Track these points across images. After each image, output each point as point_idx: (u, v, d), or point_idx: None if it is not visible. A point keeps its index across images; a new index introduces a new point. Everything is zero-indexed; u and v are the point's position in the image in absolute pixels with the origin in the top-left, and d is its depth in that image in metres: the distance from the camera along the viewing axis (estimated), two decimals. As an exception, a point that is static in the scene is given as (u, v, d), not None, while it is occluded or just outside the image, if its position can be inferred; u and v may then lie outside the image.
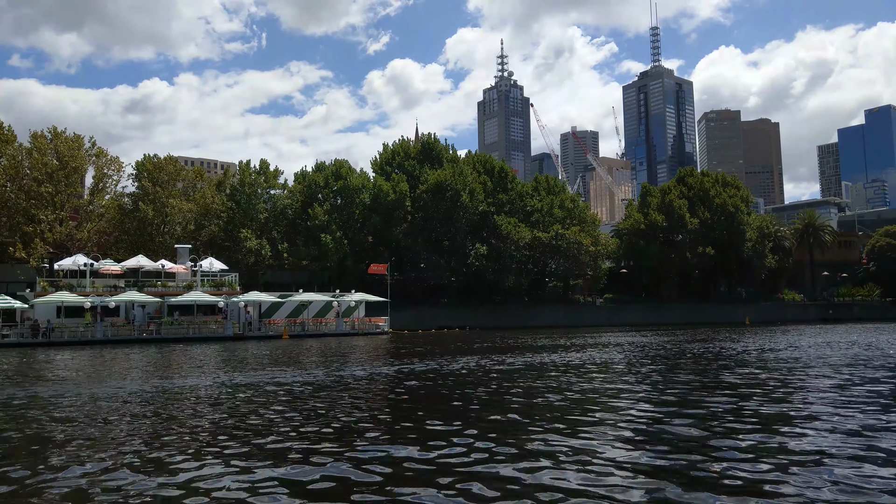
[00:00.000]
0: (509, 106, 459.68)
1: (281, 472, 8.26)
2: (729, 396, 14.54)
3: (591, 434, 10.42)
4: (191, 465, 8.74)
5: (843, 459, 8.47)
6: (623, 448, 9.40)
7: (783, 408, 13.02)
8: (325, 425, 11.65)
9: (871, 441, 9.56)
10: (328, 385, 18.32)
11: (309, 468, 8.47)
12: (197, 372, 23.48)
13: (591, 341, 40.67)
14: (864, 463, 8.30)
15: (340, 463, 8.72)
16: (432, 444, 9.76)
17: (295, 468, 8.49)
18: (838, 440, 9.66)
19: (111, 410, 13.95)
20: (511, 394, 15.83)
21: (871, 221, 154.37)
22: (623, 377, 19.45)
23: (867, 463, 8.30)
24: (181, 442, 10.33)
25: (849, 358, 25.06)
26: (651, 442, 9.87)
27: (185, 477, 8.11)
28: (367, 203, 72.38)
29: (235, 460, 8.96)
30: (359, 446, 9.76)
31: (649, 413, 12.58)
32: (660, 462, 8.53)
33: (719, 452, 8.95)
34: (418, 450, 9.38)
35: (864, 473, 7.81)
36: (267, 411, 13.45)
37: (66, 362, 29.48)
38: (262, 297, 54.28)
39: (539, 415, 12.68)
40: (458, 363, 25.14)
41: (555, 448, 9.40)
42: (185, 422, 12.36)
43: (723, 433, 10.26)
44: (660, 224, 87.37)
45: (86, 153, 63.90)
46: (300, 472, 8.31)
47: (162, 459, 9.10)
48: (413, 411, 13.59)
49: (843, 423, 10.98)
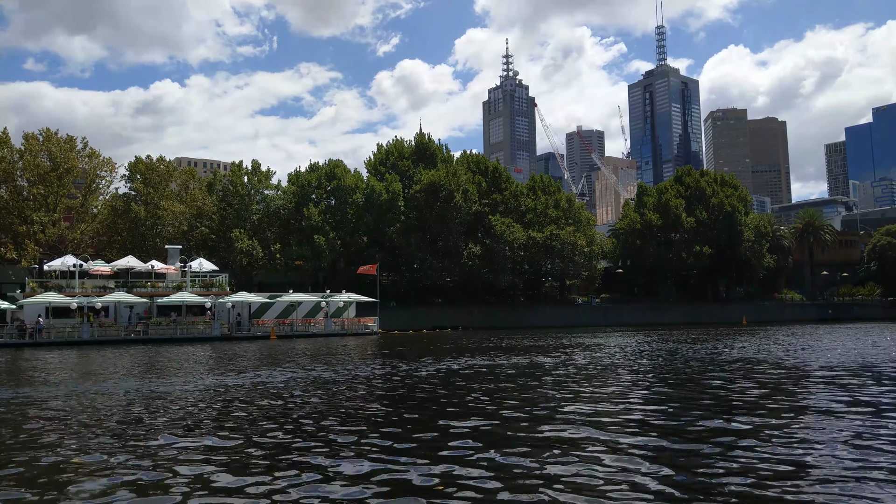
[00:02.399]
0: (514, 105, 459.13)
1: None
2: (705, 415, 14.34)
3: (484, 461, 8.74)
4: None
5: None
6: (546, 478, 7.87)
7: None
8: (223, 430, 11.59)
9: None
10: (257, 390, 18.26)
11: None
12: (144, 374, 23.50)
13: (577, 342, 40.39)
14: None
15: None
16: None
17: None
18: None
19: (57, 411, 13.95)
20: (446, 402, 15.70)
21: (874, 220, 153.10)
22: (576, 383, 19.30)
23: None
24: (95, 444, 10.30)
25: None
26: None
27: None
28: (360, 203, 72.38)
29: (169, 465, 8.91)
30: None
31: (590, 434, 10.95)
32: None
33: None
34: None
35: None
36: (192, 417, 13.40)
37: (43, 363, 29.61)
38: (249, 297, 54.36)
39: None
40: (426, 364, 25.05)
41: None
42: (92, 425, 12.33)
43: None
44: (656, 224, 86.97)
45: (78, 154, 64.14)
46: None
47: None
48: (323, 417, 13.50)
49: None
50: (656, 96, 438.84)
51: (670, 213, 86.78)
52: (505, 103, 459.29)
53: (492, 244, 75.79)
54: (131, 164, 68.73)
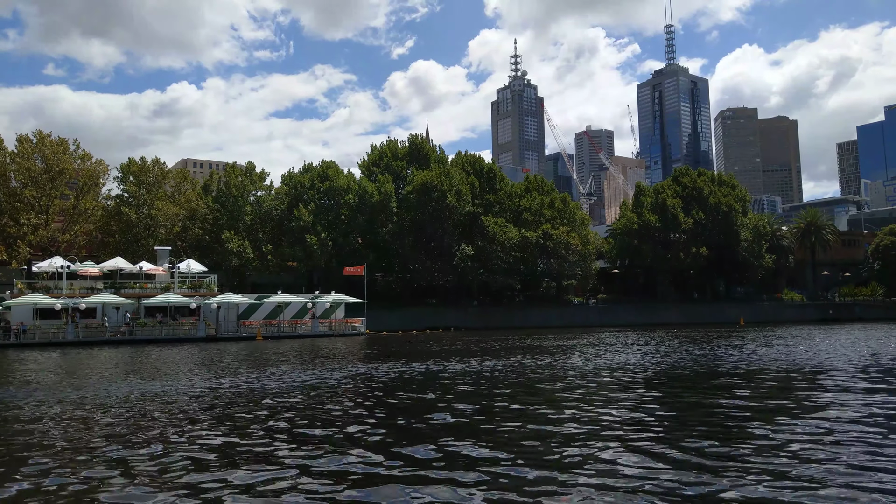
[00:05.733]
0: (523, 105, 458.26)
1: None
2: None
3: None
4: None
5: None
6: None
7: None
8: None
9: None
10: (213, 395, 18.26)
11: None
12: (115, 376, 23.60)
13: (567, 343, 39.98)
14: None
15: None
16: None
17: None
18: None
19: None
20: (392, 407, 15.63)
21: (881, 220, 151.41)
22: (534, 386, 19.15)
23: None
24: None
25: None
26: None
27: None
28: (352, 204, 72.46)
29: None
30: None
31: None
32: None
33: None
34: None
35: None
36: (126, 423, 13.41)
37: (24, 364, 29.82)
38: (235, 298, 54.50)
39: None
40: (395, 366, 25.00)
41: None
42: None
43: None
44: (653, 224, 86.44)
45: (70, 157, 64.63)
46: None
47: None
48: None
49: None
50: (665, 95, 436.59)
51: (667, 213, 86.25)
52: (513, 103, 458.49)
53: (484, 245, 75.64)
54: (124, 166, 69.15)
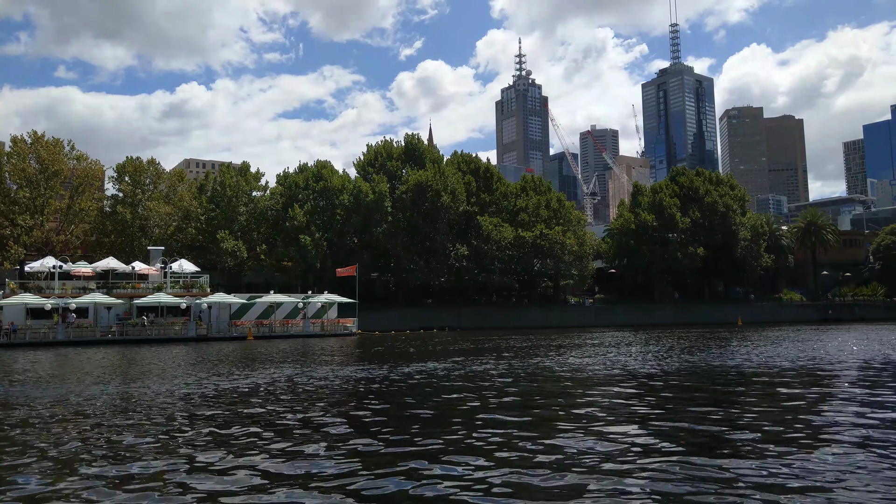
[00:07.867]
0: (527, 105, 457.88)
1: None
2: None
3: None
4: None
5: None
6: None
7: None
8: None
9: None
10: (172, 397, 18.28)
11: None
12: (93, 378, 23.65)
13: (557, 343, 39.84)
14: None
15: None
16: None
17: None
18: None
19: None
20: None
21: (885, 219, 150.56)
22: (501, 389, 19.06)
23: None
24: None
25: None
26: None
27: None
28: (347, 204, 72.41)
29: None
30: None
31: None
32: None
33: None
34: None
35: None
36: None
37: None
38: (227, 298, 54.57)
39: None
40: (369, 368, 24.97)
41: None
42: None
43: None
44: (650, 224, 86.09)
45: (65, 157, 64.83)
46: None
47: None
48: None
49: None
50: (670, 95, 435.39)
51: (664, 212, 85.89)
52: (518, 103, 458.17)
53: (479, 244, 75.50)
54: (119, 166, 69.32)
